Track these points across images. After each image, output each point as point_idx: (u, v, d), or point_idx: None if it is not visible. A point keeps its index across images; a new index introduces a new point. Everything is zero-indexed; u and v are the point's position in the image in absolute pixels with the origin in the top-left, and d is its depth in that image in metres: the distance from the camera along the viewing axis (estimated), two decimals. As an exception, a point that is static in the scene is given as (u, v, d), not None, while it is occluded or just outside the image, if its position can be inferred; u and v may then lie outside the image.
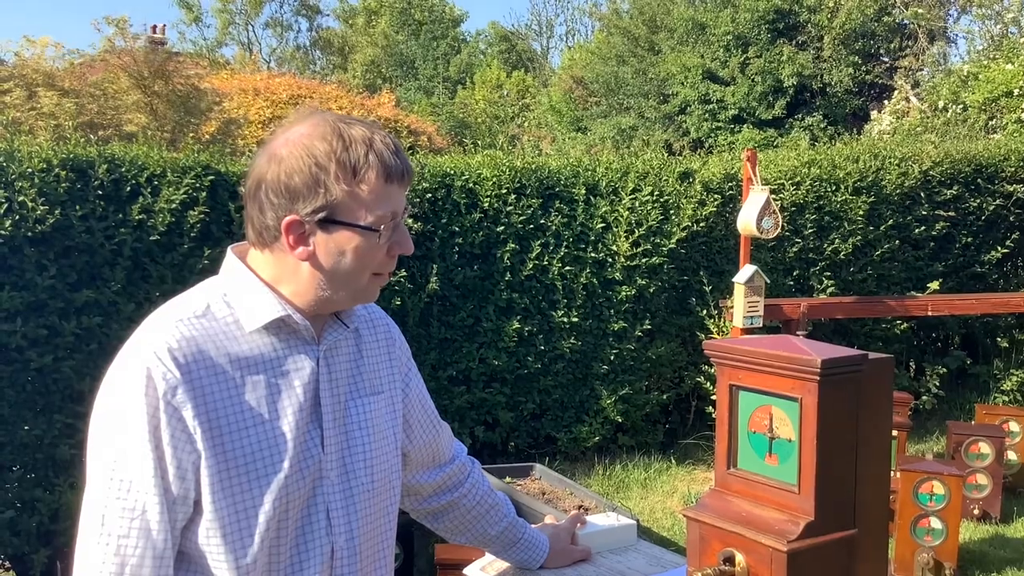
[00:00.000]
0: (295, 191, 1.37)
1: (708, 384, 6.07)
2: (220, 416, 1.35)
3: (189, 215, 4.54)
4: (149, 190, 4.47)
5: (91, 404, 1.38)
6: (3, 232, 3.98)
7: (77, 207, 4.23)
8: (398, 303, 5.21)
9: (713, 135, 15.99)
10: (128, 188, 4.42)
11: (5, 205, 4.01)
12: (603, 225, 5.84)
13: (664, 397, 6.21)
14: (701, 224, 6.05)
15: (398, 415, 1.61)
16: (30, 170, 4.10)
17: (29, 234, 4.07)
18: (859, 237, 6.53)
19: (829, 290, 6.44)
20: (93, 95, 8.12)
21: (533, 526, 1.91)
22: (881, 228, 6.60)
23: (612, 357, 5.92)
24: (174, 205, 4.49)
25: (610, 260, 5.87)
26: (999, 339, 7.20)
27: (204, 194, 4.60)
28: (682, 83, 16.58)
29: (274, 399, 1.40)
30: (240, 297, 1.42)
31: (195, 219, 4.55)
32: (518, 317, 5.66)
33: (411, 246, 1.46)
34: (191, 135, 8.04)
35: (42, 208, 4.07)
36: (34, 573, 4.13)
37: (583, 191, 5.81)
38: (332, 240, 1.39)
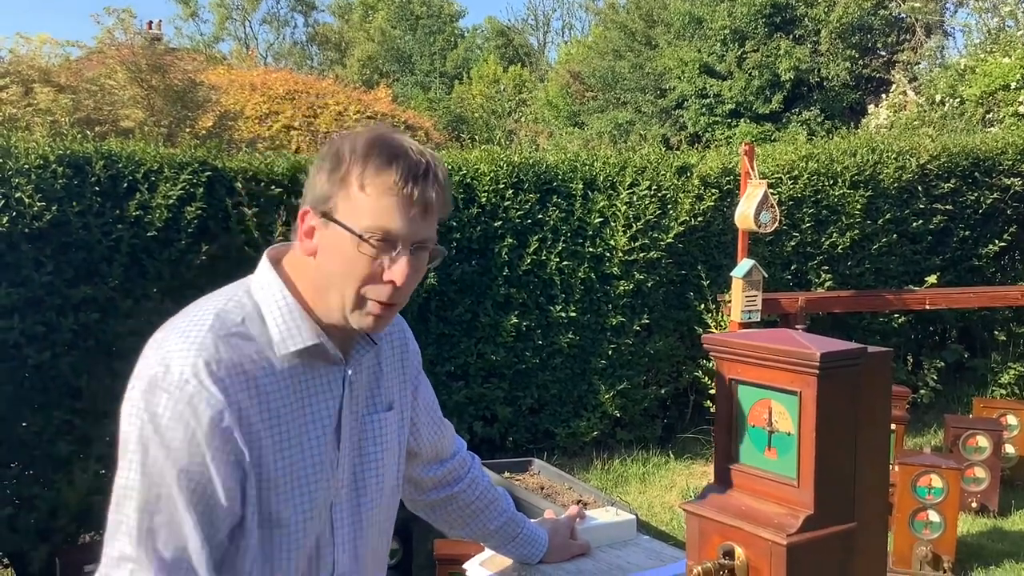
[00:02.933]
0: (315, 183, 1.39)
1: (706, 378, 6.07)
2: (260, 437, 1.34)
3: (186, 211, 4.53)
4: (146, 186, 4.46)
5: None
6: (0, 229, 3.97)
7: (74, 203, 4.21)
8: (396, 298, 5.20)
9: (710, 129, 16.00)
10: (125, 184, 4.41)
11: (2, 202, 4.00)
12: (601, 220, 5.84)
13: (662, 391, 6.21)
14: (699, 218, 6.05)
15: (406, 424, 1.63)
16: (27, 166, 4.09)
17: (26, 230, 4.06)
18: (857, 231, 6.53)
19: (827, 284, 6.45)
20: (89, 91, 8.10)
21: (532, 521, 1.91)
22: (879, 222, 6.60)
23: (610, 352, 5.92)
24: (171, 201, 4.48)
25: (608, 255, 5.87)
26: (997, 332, 7.21)
27: (201, 190, 4.59)
28: (679, 77, 16.58)
29: (306, 420, 1.40)
30: (274, 314, 1.39)
31: (192, 215, 4.54)
32: (516, 312, 5.65)
33: (401, 277, 1.35)
34: (188, 130, 8.02)
35: (39, 204, 4.06)
36: (33, 570, 4.12)
37: (581, 186, 5.80)
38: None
